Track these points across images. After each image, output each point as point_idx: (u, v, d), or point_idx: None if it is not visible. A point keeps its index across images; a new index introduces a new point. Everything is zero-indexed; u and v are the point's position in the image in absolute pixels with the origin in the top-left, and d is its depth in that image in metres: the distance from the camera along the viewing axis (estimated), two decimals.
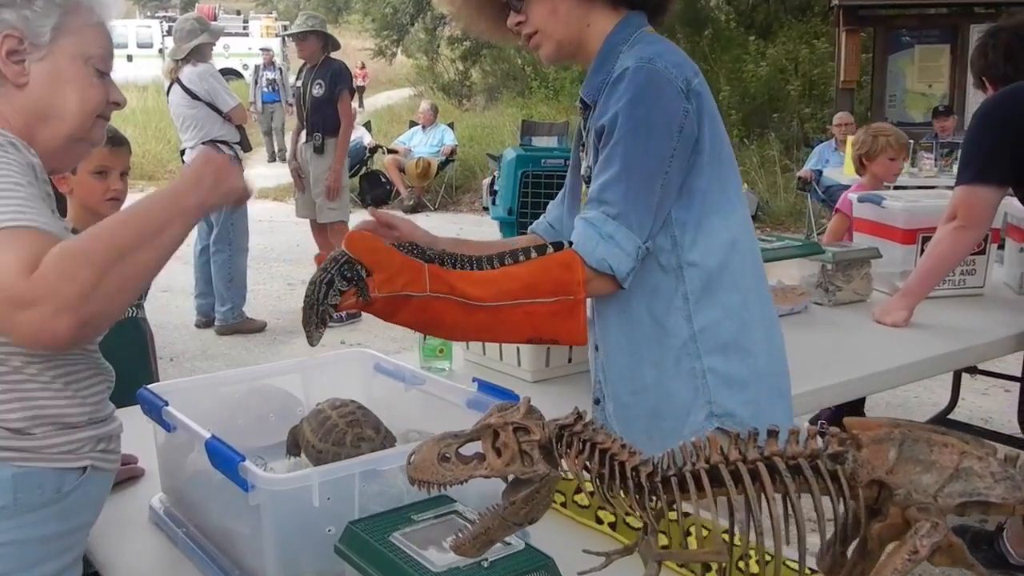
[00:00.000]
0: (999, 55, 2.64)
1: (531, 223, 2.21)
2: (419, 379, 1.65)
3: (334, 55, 6.12)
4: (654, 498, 0.82)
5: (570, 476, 1.23)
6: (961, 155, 2.64)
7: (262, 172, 13.80)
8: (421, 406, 1.68)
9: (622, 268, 1.44)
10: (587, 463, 0.82)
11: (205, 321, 5.85)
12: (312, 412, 1.64)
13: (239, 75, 19.00)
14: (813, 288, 2.99)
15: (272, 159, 14.85)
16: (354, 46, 21.10)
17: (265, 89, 15.10)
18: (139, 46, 21.31)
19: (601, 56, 1.54)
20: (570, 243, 1.48)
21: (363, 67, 20.67)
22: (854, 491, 0.79)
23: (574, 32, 1.55)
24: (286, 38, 20.59)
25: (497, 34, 1.67)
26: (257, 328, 5.79)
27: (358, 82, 16.48)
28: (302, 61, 6.23)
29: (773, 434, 0.82)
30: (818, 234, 8.96)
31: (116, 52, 1.39)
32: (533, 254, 1.48)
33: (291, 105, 14.65)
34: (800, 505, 0.78)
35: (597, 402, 1.68)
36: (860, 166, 3.84)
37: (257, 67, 15.59)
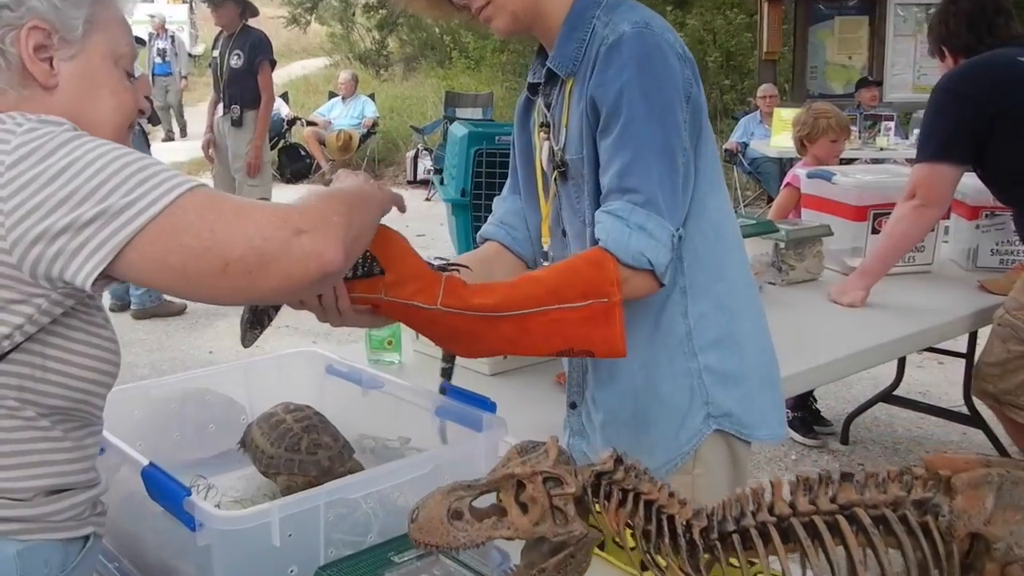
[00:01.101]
0: (960, 24, 2.57)
1: (485, 205, 2.08)
2: (376, 382, 1.50)
3: (251, 23, 5.83)
4: (709, 557, 0.68)
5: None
6: (920, 132, 2.58)
7: (173, 146, 13.27)
8: (379, 411, 1.53)
9: (660, 260, 1.28)
10: (630, 519, 0.68)
11: (120, 305, 5.53)
12: (264, 415, 1.48)
13: (143, 43, 18.15)
14: (767, 267, 2.91)
15: (169, 138, 13.65)
16: (267, 14, 20.43)
17: (156, 60, 13.58)
18: None
19: (570, 23, 1.39)
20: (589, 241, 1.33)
21: None
22: (949, 547, 0.66)
23: (530, 1, 1.39)
24: (193, 4, 19.84)
25: (438, 11, 1.50)
26: (176, 311, 5.50)
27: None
28: (218, 29, 5.91)
29: (848, 477, 0.69)
30: (744, 206, 9.01)
31: None
32: None
33: (184, 78, 14.08)
34: (891, 567, 0.66)
35: (573, 406, 1.55)
36: (801, 147, 3.79)
37: (149, 35, 13.84)
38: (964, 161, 2.48)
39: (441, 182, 2.17)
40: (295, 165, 11.10)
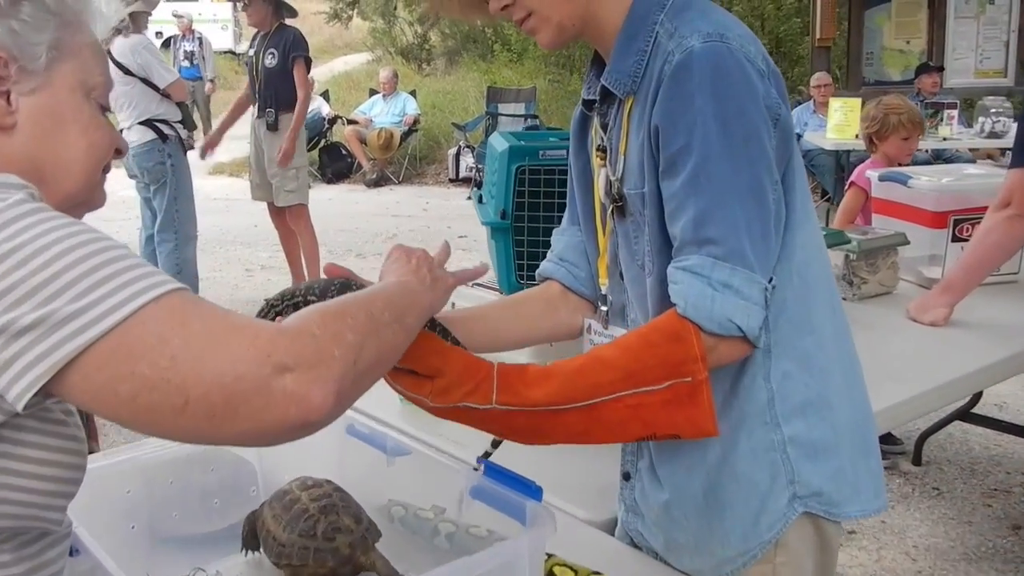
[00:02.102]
0: None
1: (528, 228, 1.86)
2: (402, 448, 1.30)
3: (289, 22, 5.66)
4: None
5: None
6: (1017, 135, 2.30)
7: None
8: (407, 476, 1.33)
9: (752, 323, 1.07)
10: None
11: None
12: (276, 494, 1.30)
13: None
14: (837, 281, 2.65)
15: (189, 147, 13.18)
16: (309, 9, 20.38)
17: (183, 63, 12.50)
18: None
19: (628, 31, 1.17)
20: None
21: None
22: None
23: (579, 7, 1.17)
24: (237, 3, 19.85)
25: (476, 15, 1.30)
26: None
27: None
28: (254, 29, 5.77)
29: None
30: None
31: None
32: None
33: (212, 81, 13.40)
34: None
35: (627, 477, 1.33)
36: (870, 144, 3.51)
37: (172, 38, 13.01)
38: None
39: (480, 199, 1.95)
40: (336, 165, 10.99)
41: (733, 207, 1.06)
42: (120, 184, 5.48)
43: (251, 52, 5.72)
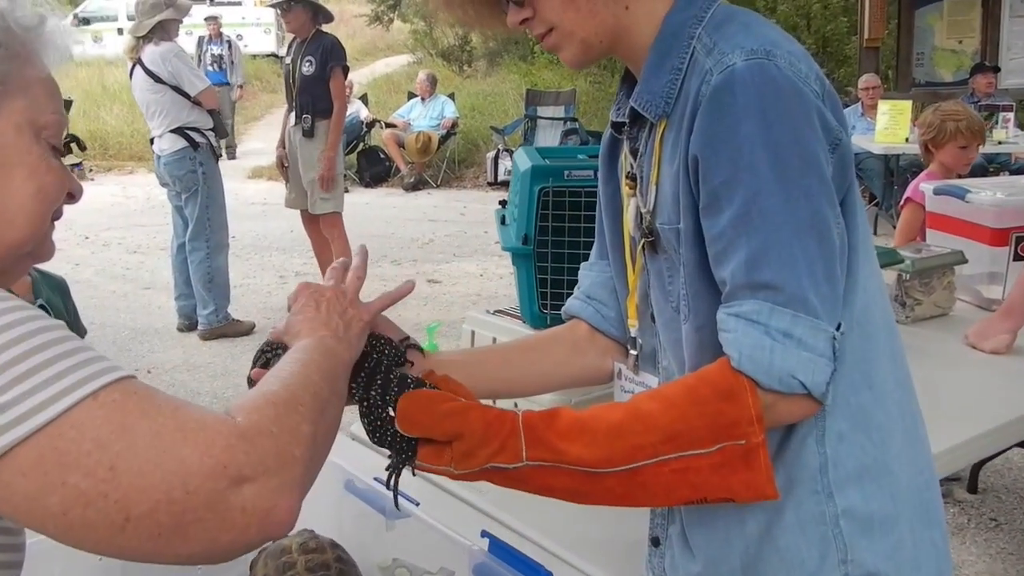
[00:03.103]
0: None
1: (552, 254, 1.73)
2: (404, 512, 1.17)
3: (327, 28, 5.58)
4: None
5: None
6: None
7: (256, 147, 13.28)
8: (410, 536, 1.20)
9: (818, 378, 0.93)
10: None
11: (188, 324, 5.36)
12: (274, 549, 1.18)
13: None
14: (889, 303, 2.48)
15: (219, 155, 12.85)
16: (350, 11, 20.38)
17: (210, 68, 11.95)
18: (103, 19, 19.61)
19: (662, 45, 1.03)
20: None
21: None
22: None
23: (606, 22, 1.04)
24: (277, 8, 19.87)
25: (495, 26, 1.17)
26: (244, 331, 5.30)
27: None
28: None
29: None
30: None
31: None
32: None
33: (241, 87, 13.24)
34: None
35: (656, 543, 1.19)
36: (926, 152, 3.31)
37: (200, 39, 12.40)
38: None
39: (503, 221, 1.82)
40: (374, 168, 10.93)
41: (791, 246, 0.93)
42: (158, 189, 5.45)
43: (287, 60, 5.65)
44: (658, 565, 1.19)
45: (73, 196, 0.88)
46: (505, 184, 10.01)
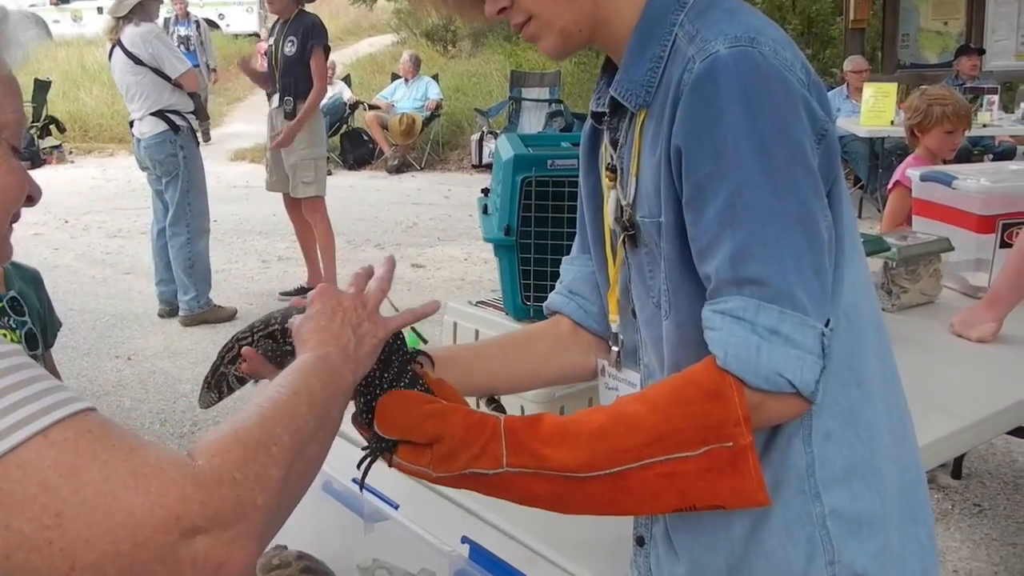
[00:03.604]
0: None
1: (536, 245, 1.70)
2: (381, 515, 1.14)
3: (310, 7, 5.50)
4: None
5: None
6: None
7: (239, 129, 13.16)
8: (390, 539, 1.18)
9: (806, 376, 0.90)
10: None
11: (168, 310, 5.31)
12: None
13: (216, 26, 17.88)
14: (876, 290, 2.46)
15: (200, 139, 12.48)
16: None
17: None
18: None
19: (643, 32, 1.01)
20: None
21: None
22: None
23: (585, 10, 1.02)
24: None
25: (472, 15, 1.14)
26: (226, 317, 5.25)
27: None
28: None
29: None
30: None
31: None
32: None
33: (214, 71, 12.82)
34: None
35: (640, 543, 1.17)
36: (912, 136, 3.30)
37: (167, 20, 11.80)
38: None
39: (484, 210, 1.78)
40: (358, 151, 10.85)
41: (778, 240, 0.90)
42: (139, 172, 5.38)
43: (270, 41, 5.57)
44: (643, 565, 1.17)
45: (32, 199, 0.84)
46: (489, 167, 9.95)
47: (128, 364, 4.62)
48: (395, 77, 11.50)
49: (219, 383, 1.11)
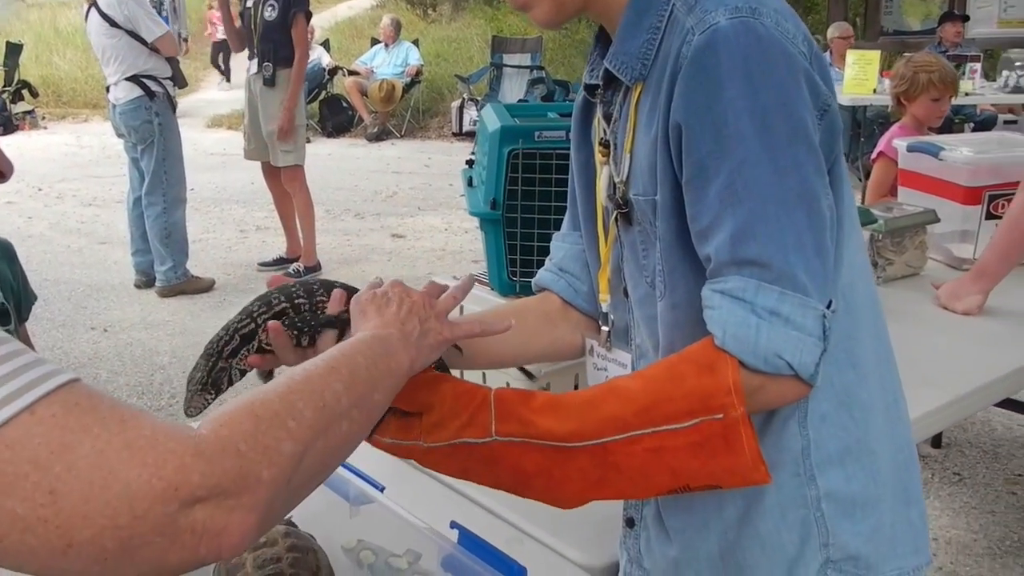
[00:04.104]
0: None
1: (522, 220, 1.66)
2: (366, 497, 1.12)
3: None
4: None
5: None
6: None
7: (216, 96, 12.97)
8: (376, 520, 1.15)
9: (806, 359, 0.88)
10: None
11: (145, 280, 5.24)
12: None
13: None
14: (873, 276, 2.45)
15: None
16: None
17: None
18: None
19: (639, 2, 0.97)
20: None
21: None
22: None
23: None
24: None
25: None
26: (204, 288, 5.19)
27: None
28: None
29: None
30: None
31: None
32: None
33: (185, 40, 12.55)
34: None
35: (630, 524, 1.15)
36: (898, 105, 3.28)
37: None
38: None
39: (470, 182, 1.75)
40: (337, 118, 10.73)
41: (779, 219, 0.87)
42: (114, 138, 5.29)
43: (248, 3, 5.45)
44: (633, 547, 1.15)
45: (3, 175, 0.80)
46: (470, 135, 9.87)
47: (104, 336, 4.56)
48: (375, 42, 11.35)
49: (217, 382, 0.97)
